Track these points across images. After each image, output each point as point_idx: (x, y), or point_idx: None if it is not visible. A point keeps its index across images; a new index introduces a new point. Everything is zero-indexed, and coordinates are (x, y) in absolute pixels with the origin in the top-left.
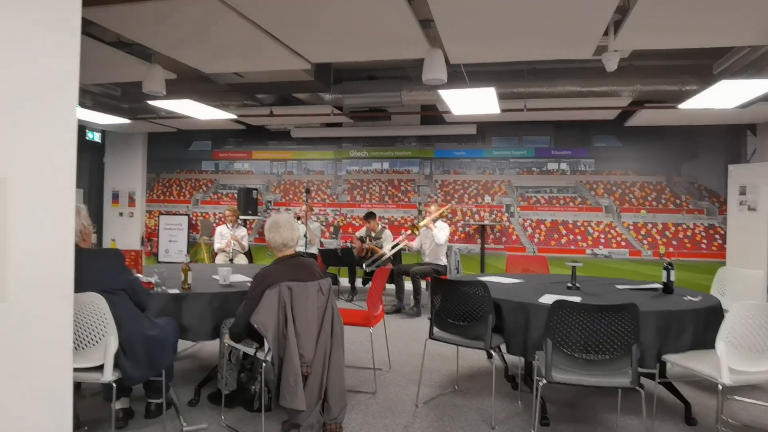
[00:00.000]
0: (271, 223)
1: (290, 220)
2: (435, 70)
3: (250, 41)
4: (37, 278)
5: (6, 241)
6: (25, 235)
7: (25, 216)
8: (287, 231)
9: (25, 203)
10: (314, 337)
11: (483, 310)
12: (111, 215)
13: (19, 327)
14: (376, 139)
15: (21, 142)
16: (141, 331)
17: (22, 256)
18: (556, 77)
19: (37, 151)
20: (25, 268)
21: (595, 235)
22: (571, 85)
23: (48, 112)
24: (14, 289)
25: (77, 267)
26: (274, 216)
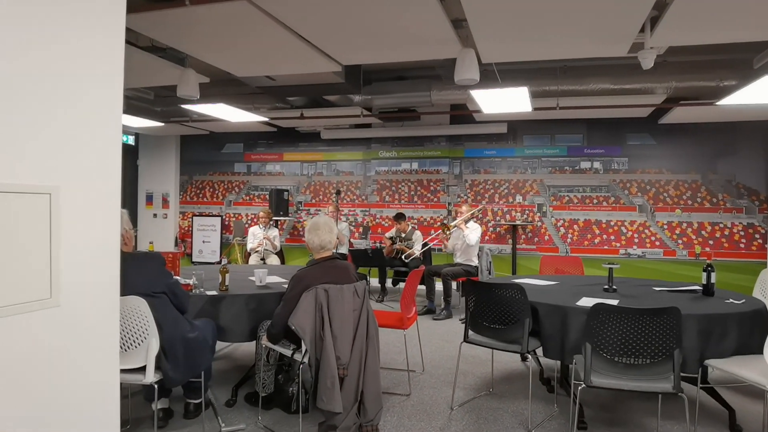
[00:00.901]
0: (311, 225)
1: (329, 222)
2: (468, 70)
3: (281, 44)
4: (87, 283)
5: (60, 248)
6: (77, 242)
7: (76, 224)
8: (325, 234)
9: (75, 211)
10: (350, 340)
11: (520, 313)
12: (145, 217)
13: (71, 330)
14: (405, 139)
15: (72, 152)
16: (181, 333)
17: (74, 262)
18: (588, 75)
19: (86, 160)
20: (76, 273)
21: (628, 234)
22: (603, 83)
23: (96, 121)
24: (67, 294)
25: (120, 271)
26: (314, 218)
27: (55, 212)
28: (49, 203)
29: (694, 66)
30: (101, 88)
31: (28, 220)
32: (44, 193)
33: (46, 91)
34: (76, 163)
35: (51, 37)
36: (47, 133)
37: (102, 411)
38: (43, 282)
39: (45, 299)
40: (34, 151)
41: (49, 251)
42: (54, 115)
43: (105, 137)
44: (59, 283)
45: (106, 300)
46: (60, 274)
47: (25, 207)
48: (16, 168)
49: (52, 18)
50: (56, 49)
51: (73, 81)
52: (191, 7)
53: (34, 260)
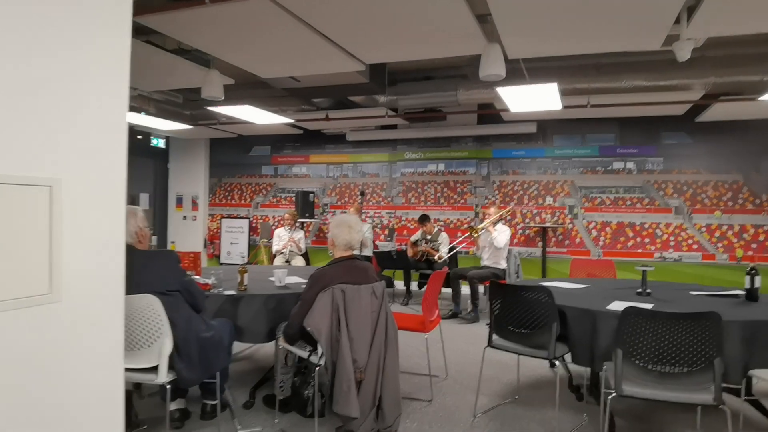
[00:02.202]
0: (340, 220)
1: (359, 222)
2: (493, 65)
3: (302, 43)
4: (89, 279)
5: (61, 242)
6: (78, 236)
7: (78, 217)
8: (355, 232)
9: (78, 204)
10: (368, 342)
11: (547, 317)
12: (175, 219)
13: (71, 327)
14: (432, 140)
15: (73, 143)
16: (195, 332)
17: (75, 256)
18: (620, 71)
19: (89, 151)
20: (77, 268)
21: (664, 237)
22: (637, 80)
23: (99, 111)
24: (68, 288)
25: (133, 268)
26: (345, 215)
27: (56, 205)
28: (50, 196)
29: (734, 60)
30: (106, 76)
31: (27, 213)
32: (44, 185)
33: (47, 80)
34: (78, 155)
35: (52, 23)
36: (49, 123)
37: (105, 410)
38: (42, 277)
39: (44, 294)
40: (34, 142)
41: (49, 245)
42: (56, 104)
43: (110, 128)
44: (59, 278)
45: (109, 296)
46: (60, 269)
47: (24, 200)
48: (15, 159)
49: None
50: (57, 36)
51: (75, 69)
52: (211, 5)
53: (32, 254)
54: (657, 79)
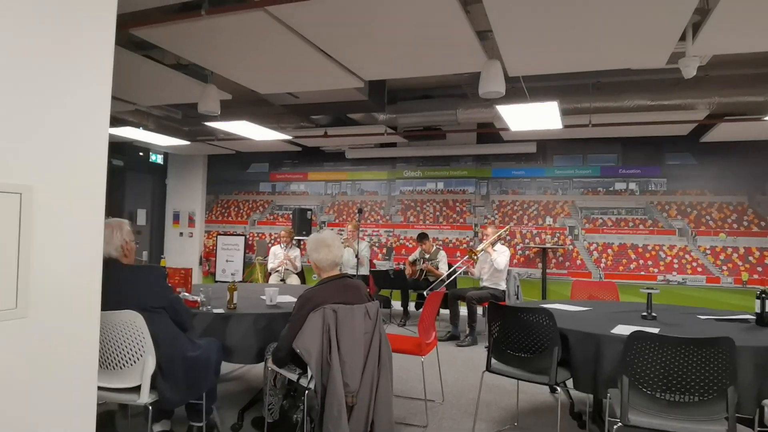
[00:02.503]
0: (318, 241)
1: (335, 236)
2: (493, 82)
3: (301, 58)
4: (62, 292)
5: (29, 253)
6: (52, 246)
7: (51, 227)
8: (336, 249)
9: (51, 213)
10: (360, 365)
11: (548, 341)
12: (171, 235)
13: (41, 343)
14: (431, 158)
15: (48, 148)
16: (181, 351)
17: (47, 269)
18: (623, 91)
19: (65, 157)
20: (48, 282)
21: (667, 260)
22: (640, 99)
23: (77, 114)
24: (37, 303)
25: (116, 283)
26: (317, 234)
27: (26, 214)
28: (20, 204)
29: (739, 80)
30: (84, 76)
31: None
32: (14, 192)
33: (17, 79)
34: (52, 161)
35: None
36: (19, 125)
37: (77, 430)
38: (8, 290)
39: (9, 309)
40: (4, 146)
41: (17, 257)
42: (27, 105)
43: (89, 133)
44: (27, 293)
45: (83, 311)
46: (28, 283)
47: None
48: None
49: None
50: (30, 30)
51: (50, 67)
52: (208, 18)
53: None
54: (660, 98)
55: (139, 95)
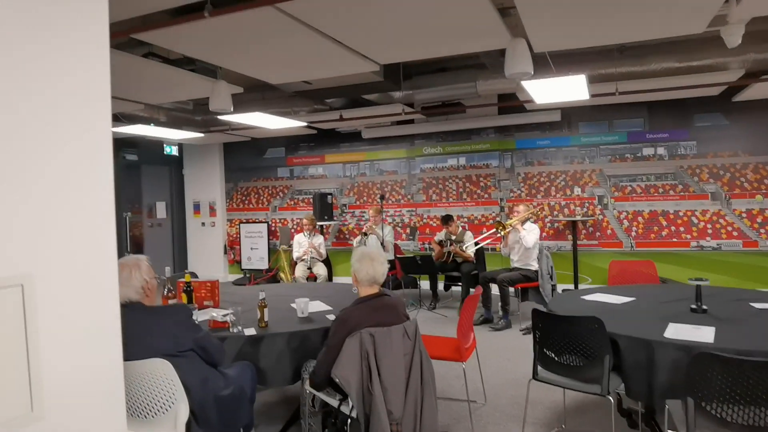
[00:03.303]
0: (363, 253)
1: (383, 254)
2: (519, 62)
3: (315, 50)
4: (78, 387)
5: (39, 348)
6: (61, 337)
7: (57, 316)
8: (379, 265)
9: (56, 301)
10: (402, 389)
11: (598, 349)
12: (193, 226)
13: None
14: (451, 133)
15: (47, 231)
16: (213, 393)
17: (59, 363)
18: (648, 54)
19: (66, 238)
20: (61, 377)
21: (700, 225)
22: (668, 62)
23: (78, 193)
24: (52, 403)
25: (140, 329)
26: (363, 248)
27: (30, 306)
28: (22, 296)
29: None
30: (82, 153)
31: (3, 319)
32: (15, 286)
33: (12, 168)
34: (52, 244)
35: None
36: (17, 213)
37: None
38: (21, 394)
39: (25, 414)
40: (1, 236)
41: (27, 355)
42: (25, 190)
43: (91, 206)
44: (41, 393)
45: (105, 402)
46: (41, 382)
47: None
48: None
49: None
50: (25, 107)
51: (45, 147)
52: (213, 18)
53: (8, 370)
54: (690, 59)
55: (146, 95)
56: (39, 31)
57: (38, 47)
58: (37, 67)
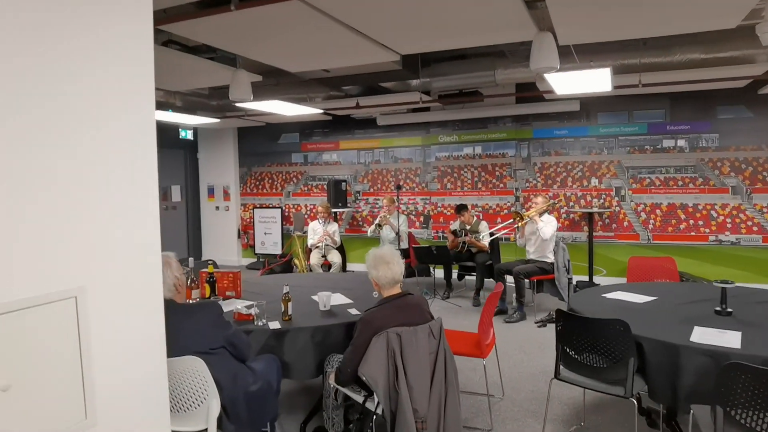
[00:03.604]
0: (376, 258)
1: (395, 252)
2: (546, 57)
3: (338, 41)
4: (127, 392)
5: (90, 358)
6: (111, 346)
7: (107, 325)
8: (396, 265)
9: (105, 311)
10: (427, 387)
11: (622, 351)
12: (208, 210)
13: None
14: (467, 121)
15: (97, 243)
16: (243, 388)
17: (109, 370)
18: (673, 45)
19: (116, 249)
20: (113, 384)
21: (719, 219)
22: (692, 53)
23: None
24: (105, 409)
25: (173, 326)
26: (376, 250)
27: (83, 317)
28: (76, 308)
29: None
30: (130, 173)
31: (53, 332)
32: (69, 298)
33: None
34: (102, 255)
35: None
36: (68, 226)
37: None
38: (76, 402)
39: (80, 422)
40: (56, 251)
41: (80, 364)
42: (78, 207)
43: (138, 215)
44: (94, 400)
45: (151, 404)
46: (94, 389)
47: (49, 318)
48: (37, 275)
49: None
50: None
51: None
52: (240, 11)
53: (64, 379)
54: (716, 51)
55: (166, 83)
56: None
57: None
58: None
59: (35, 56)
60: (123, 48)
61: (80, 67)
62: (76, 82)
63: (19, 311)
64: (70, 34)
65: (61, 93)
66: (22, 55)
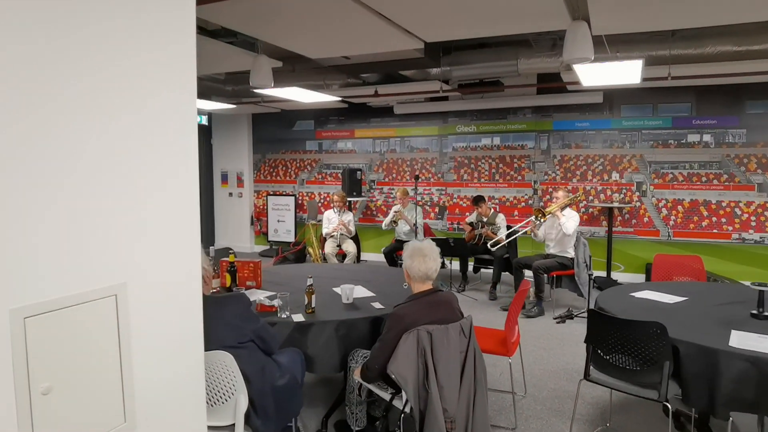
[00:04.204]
0: (414, 249)
1: (435, 249)
2: (581, 47)
3: (362, 26)
4: (166, 396)
5: (131, 360)
6: (150, 347)
7: (147, 325)
8: (432, 261)
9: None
10: (457, 386)
11: (658, 354)
12: (221, 195)
13: None
14: (486, 111)
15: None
16: (270, 383)
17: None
18: (704, 37)
19: (156, 245)
20: (152, 387)
21: (743, 217)
22: (723, 45)
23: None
24: (144, 413)
25: (203, 319)
26: (417, 242)
27: (123, 315)
28: (116, 306)
29: None
30: (170, 169)
31: (94, 332)
32: (109, 296)
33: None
34: (142, 250)
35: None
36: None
37: None
38: (116, 406)
39: (120, 425)
40: (97, 247)
41: (120, 366)
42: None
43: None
44: (133, 403)
45: (188, 403)
46: (134, 392)
47: (90, 316)
48: (76, 272)
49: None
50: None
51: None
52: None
53: (104, 382)
54: (748, 43)
55: None
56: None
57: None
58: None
59: (77, 41)
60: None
61: (124, 52)
62: (117, 74)
63: (60, 311)
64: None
65: (99, 86)
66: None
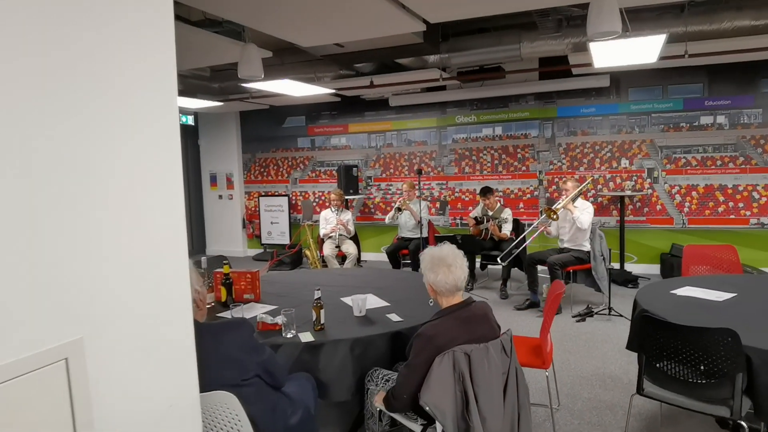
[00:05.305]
0: (434, 259)
1: (457, 252)
2: (607, 20)
3: (359, 5)
4: None
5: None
6: (116, 406)
7: (114, 383)
8: (459, 269)
9: (112, 365)
10: (501, 414)
11: (728, 365)
12: (210, 198)
13: None
14: (486, 100)
15: (103, 281)
16: (282, 423)
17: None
18: (720, 11)
19: (130, 290)
20: None
21: (762, 201)
22: (741, 19)
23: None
24: None
25: (199, 353)
26: (434, 250)
27: (76, 381)
28: (66, 371)
29: None
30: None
31: (37, 409)
32: (57, 362)
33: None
34: (106, 293)
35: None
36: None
37: None
38: None
39: None
40: (36, 295)
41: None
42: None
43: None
44: None
45: None
46: None
47: (28, 391)
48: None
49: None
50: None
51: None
52: None
53: None
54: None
55: None
56: None
57: None
58: None
59: None
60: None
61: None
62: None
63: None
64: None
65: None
66: None
